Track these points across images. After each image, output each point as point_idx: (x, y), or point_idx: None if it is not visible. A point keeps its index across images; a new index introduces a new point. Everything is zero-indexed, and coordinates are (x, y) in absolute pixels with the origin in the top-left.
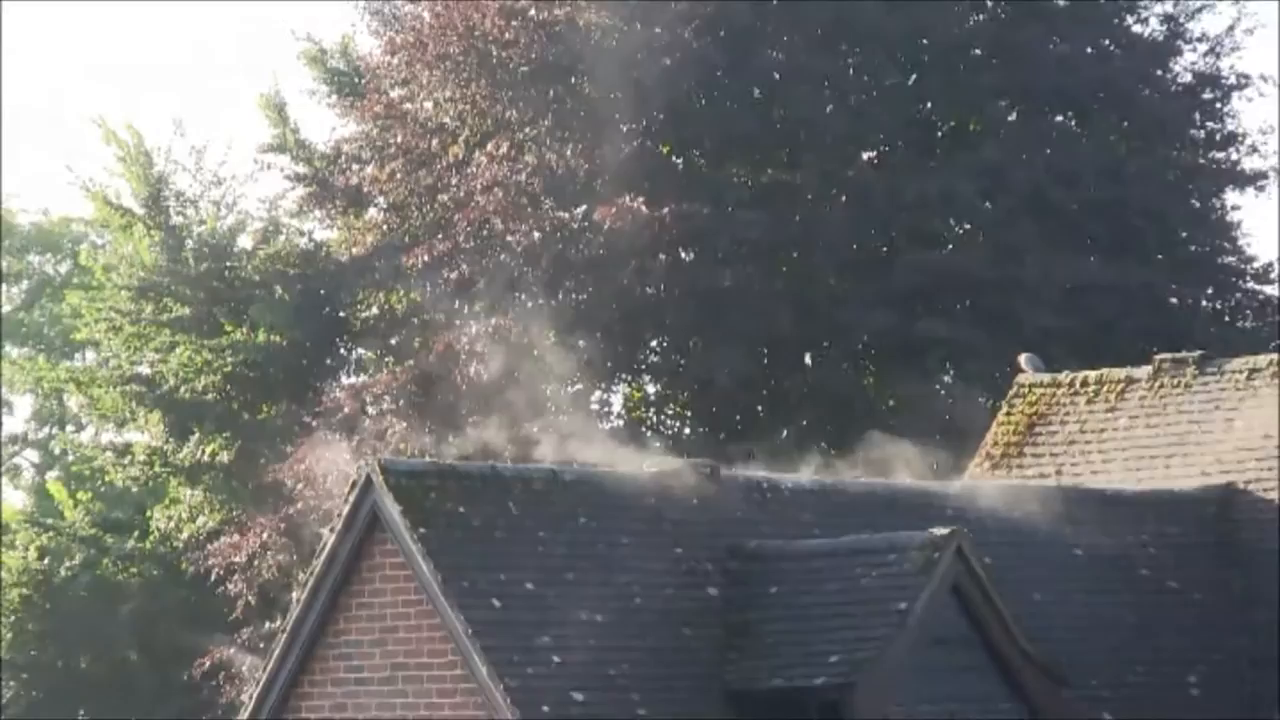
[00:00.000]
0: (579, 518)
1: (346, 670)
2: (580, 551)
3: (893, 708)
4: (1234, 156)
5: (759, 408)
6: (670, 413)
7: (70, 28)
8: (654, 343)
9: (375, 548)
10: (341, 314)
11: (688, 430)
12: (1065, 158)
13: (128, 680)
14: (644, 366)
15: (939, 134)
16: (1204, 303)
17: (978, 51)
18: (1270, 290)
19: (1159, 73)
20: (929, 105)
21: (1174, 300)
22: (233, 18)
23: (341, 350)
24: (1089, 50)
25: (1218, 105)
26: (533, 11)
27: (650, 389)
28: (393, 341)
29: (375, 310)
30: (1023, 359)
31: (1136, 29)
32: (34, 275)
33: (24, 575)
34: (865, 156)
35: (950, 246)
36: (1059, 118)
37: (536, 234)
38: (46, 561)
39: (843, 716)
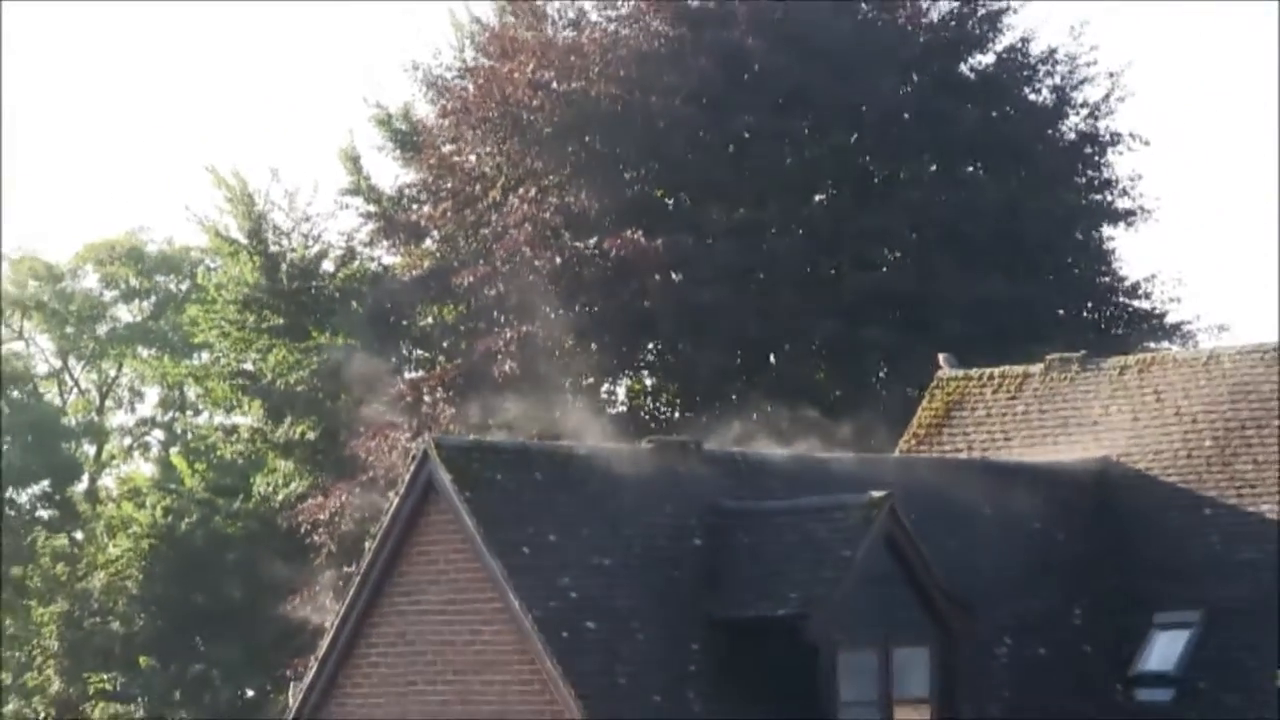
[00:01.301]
0: (591, 484)
1: (408, 604)
2: (592, 510)
3: (839, 633)
4: (1109, 198)
5: (733, 396)
6: (663, 400)
7: (191, 90)
8: (650, 345)
9: (431, 507)
10: (404, 323)
11: (677, 414)
12: (975, 199)
13: (233, 612)
14: (642, 364)
15: (875, 181)
16: (1085, 314)
17: (906, 116)
18: (1138, 304)
19: (1050, 132)
20: (868, 158)
21: (1061, 312)
22: (317, 89)
23: (403, 351)
24: (994, 114)
25: (1096, 158)
26: (555, 84)
27: (648, 382)
28: (444, 345)
29: (430, 320)
30: (942, 358)
31: (1032, 97)
32: (161, 292)
33: (152, 529)
34: (817, 199)
35: (884, 269)
36: (970, 168)
37: (558, 260)
38: (170, 519)
39: (800, 640)
